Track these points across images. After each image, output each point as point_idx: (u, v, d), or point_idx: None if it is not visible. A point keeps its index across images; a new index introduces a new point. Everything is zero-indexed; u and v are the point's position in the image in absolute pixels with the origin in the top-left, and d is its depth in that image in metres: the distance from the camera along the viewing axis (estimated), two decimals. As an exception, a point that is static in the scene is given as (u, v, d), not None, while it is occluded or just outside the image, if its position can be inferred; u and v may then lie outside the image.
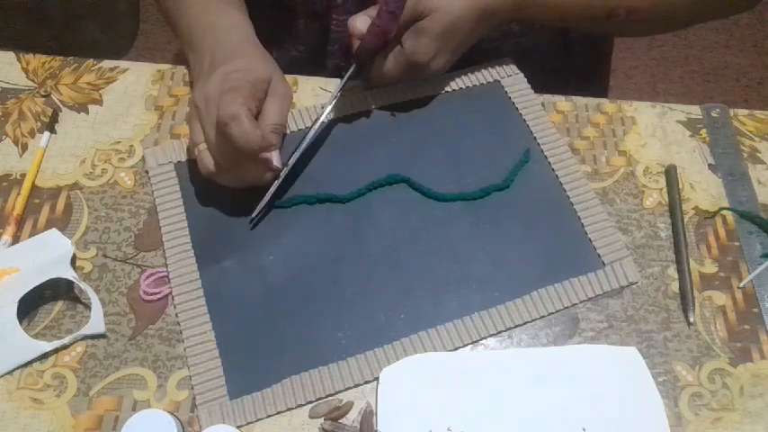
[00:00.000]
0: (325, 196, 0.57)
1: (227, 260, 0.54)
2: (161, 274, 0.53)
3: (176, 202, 0.56)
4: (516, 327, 0.52)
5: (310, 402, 0.48)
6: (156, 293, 0.52)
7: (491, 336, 0.52)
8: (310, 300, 0.52)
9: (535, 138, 0.61)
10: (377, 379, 0.49)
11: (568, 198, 0.58)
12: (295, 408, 0.48)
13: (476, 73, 0.65)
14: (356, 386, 0.49)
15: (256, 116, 0.53)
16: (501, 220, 0.57)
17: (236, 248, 0.54)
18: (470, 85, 0.65)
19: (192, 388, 0.48)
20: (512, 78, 0.65)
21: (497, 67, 0.66)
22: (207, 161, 0.52)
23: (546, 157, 0.60)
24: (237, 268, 0.53)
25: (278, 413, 0.48)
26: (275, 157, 0.53)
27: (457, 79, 0.65)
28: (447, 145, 0.61)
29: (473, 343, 0.51)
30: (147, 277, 0.53)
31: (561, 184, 0.59)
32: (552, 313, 0.53)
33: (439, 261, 0.54)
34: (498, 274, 0.54)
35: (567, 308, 0.53)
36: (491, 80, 0.65)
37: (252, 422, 0.47)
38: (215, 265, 0.54)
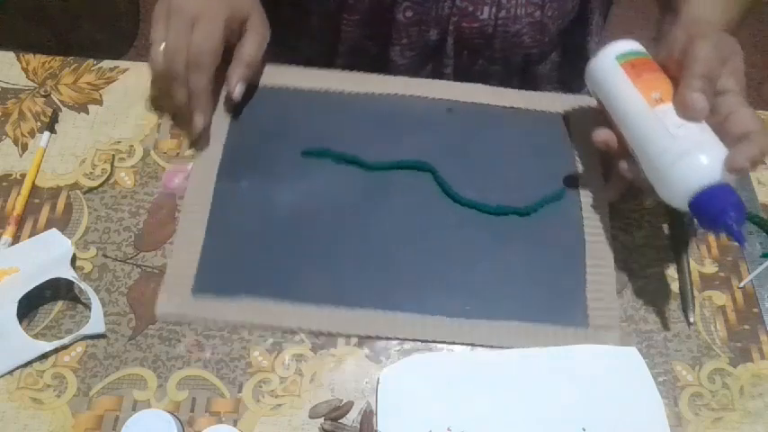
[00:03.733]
0: (352, 158, 0.58)
1: (244, 180, 0.57)
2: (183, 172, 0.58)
3: (223, 116, 0.60)
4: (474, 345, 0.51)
5: (262, 331, 0.51)
6: (172, 182, 0.58)
7: (455, 344, 0.51)
8: (304, 245, 0.54)
9: (578, 179, 0.59)
10: (377, 379, 0.49)
11: (584, 250, 0.55)
12: (247, 329, 0.51)
13: (546, 99, 0.63)
14: (313, 333, 0.51)
15: (232, 47, 0.58)
16: (509, 242, 0.55)
17: (256, 174, 0.57)
18: (536, 109, 0.63)
19: (164, 274, 0.52)
20: (579, 113, 0.62)
21: (568, 100, 0.63)
22: (157, 59, 0.56)
23: (579, 202, 0.57)
24: (251, 190, 0.57)
25: (238, 336, 0.50)
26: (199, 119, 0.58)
27: (526, 98, 0.63)
28: (489, 155, 0.60)
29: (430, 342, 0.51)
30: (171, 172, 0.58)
31: (583, 234, 0.56)
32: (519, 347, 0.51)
33: (431, 256, 0.54)
34: (482, 290, 0.53)
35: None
36: (559, 111, 0.63)
37: (204, 327, 0.51)
38: (233, 180, 0.57)
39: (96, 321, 0.50)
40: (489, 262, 0.55)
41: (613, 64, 0.53)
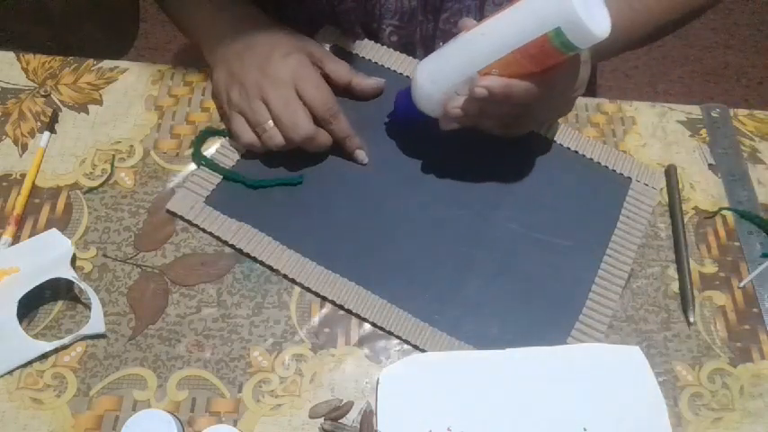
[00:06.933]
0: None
1: None
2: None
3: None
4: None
5: (242, 256, 0.49)
6: None
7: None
8: (323, 207, 0.57)
9: (612, 242, 0.57)
10: (377, 379, 0.49)
11: (580, 310, 0.53)
12: (236, 258, 0.50)
13: (621, 160, 0.61)
14: (293, 282, 0.49)
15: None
16: (515, 261, 0.55)
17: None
18: (607, 166, 0.61)
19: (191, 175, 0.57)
20: (645, 188, 0.60)
21: (638, 169, 0.61)
22: (277, 138, 0.56)
23: (602, 263, 0.56)
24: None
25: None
26: (360, 153, 0.59)
27: (601, 152, 0.62)
28: (534, 188, 0.59)
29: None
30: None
31: (587, 294, 0.54)
32: None
33: (429, 253, 0.55)
34: (461, 305, 0.53)
35: None
36: (627, 175, 0.61)
37: (198, 227, 0.53)
38: None
39: (96, 321, 0.50)
40: (486, 284, 0.54)
41: None
